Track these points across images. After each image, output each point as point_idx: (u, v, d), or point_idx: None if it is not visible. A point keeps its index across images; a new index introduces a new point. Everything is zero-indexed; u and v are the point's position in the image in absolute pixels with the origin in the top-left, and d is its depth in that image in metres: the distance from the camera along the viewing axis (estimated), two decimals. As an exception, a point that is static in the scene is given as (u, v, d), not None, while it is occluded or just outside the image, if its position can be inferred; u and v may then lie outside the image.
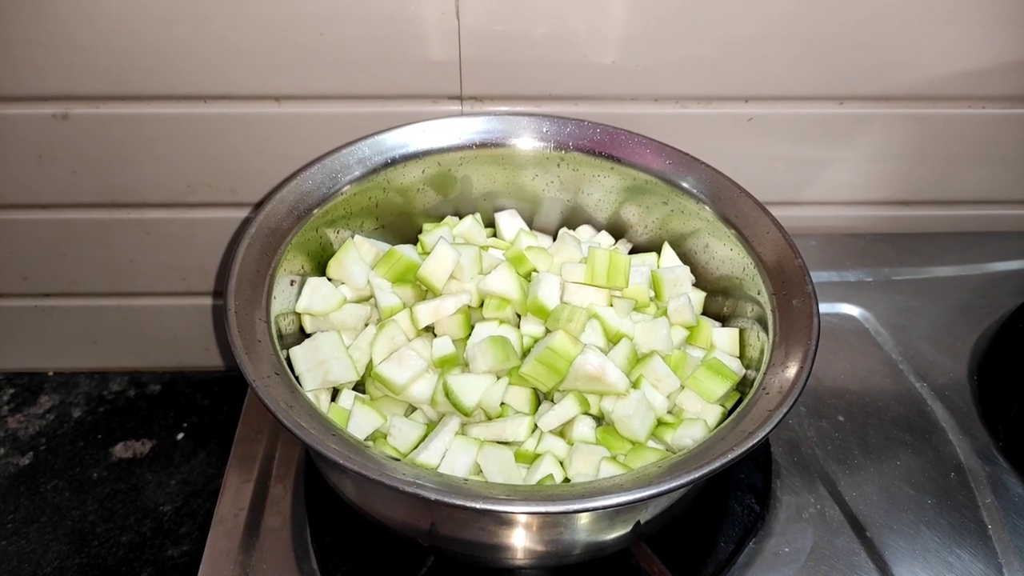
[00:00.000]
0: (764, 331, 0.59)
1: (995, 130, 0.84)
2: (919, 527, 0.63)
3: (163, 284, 0.93)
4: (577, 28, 0.74)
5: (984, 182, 0.89)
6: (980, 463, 0.68)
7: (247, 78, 0.76)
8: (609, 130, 0.70)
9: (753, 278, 0.62)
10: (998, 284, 0.84)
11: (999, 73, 0.79)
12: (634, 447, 0.58)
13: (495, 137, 0.70)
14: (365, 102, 0.78)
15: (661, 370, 0.60)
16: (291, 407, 0.50)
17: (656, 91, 0.79)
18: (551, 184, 0.73)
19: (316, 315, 0.63)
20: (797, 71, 0.78)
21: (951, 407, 0.72)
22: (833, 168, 0.87)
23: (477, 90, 0.78)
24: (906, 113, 0.82)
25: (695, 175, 0.67)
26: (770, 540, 0.62)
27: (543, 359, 0.58)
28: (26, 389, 1.01)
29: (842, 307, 0.81)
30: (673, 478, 0.45)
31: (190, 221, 0.87)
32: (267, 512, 0.63)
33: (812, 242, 0.88)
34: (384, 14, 0.72)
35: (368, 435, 0.58)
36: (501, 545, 0.55)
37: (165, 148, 0.81)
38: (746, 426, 0.49)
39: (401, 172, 0.69)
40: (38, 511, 0.88)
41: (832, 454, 0.69)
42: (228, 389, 1.02)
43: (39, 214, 0.86)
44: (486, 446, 0.57)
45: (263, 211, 0.61)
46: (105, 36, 0.72)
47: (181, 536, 0.87)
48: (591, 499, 0.44)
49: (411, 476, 0.46)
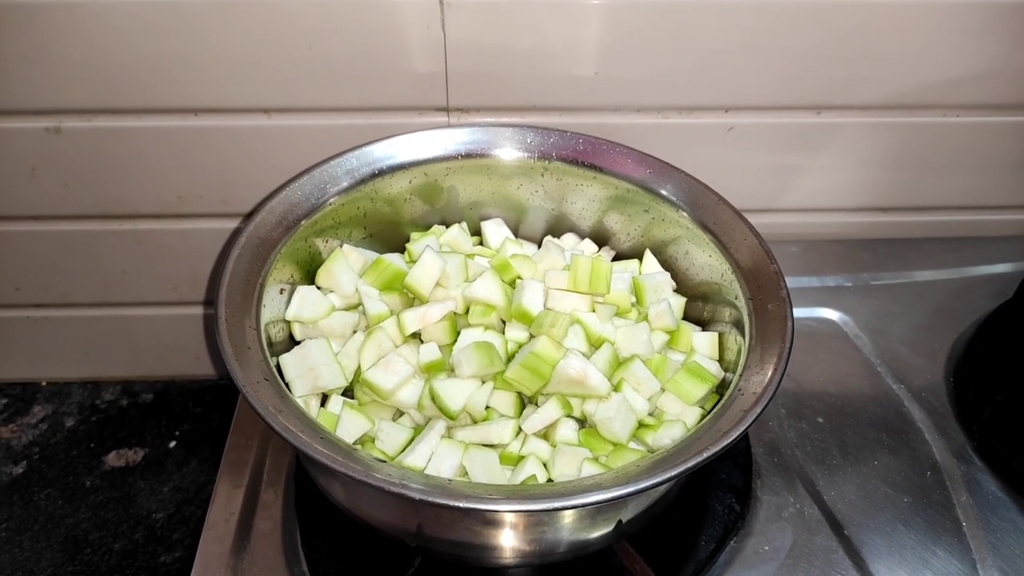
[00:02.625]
0: (741, 335, 0.60)
1: (969, 138, 0.86)
2: (896, 525, 0.65)
3: (155, 294, 0.94)
4: (560, 41, 0.75)
5: (959, 188, 0.91)
6: (956, 462, 0.69)
7: (237, 91, 0.77)
8: (591, 140, 0.71)
9: (731, 283, 0.64)
10: (975, 288, 0.86)
11: (972, 83, 0.81)
12: (615, 448, 0.59)
13: (480, 148, 0.72)
14: (353, 114, 0.79)
15: (642, 373, 0.62)
16: (280, 411, 0.51)
17: (638, 102, 0.80)
18: (536, 193, 0.74)
19: (305, 323, 0.65)
20: (776, 82, 0.80)
21: (928, 408, 0.74)
22: (812, 176, 0.88)
23: (463, 101, 0.79)
24: (882, 122, 0.84)
25: (674, 184, 0.68)
26: (750, 539, 0.64)
27: (527, 364, 0.60)
28: (19, 399, 1.01)
29: (822, 311, 0.83)
30: (649, 477, 0.47)
31: (182, 231, 0.89)
32: (258, 516, 0.64)
33: (793, 248, 0.90)
34: (372, 28, 0.73)
35: (356, 439, 0.60)
36: (486, 544, 0.56)
37: (157, 160, 0.82)
38: (721, 426, 0.50)
39: (388, 182, 0.70)
40: (31, 519, 0.89)
41: (811, 455, 0.70)
42: (220, 397, 1.03)
43: (32, 226, 0.87)
44: (471, 449, 0.58)
45: (253, 221, 0.63)
46: (97, 51, 0.73)
47: (174, 543, 0.88)
48: (570, 497, 0.46)
49: (396, 477, 0.47)
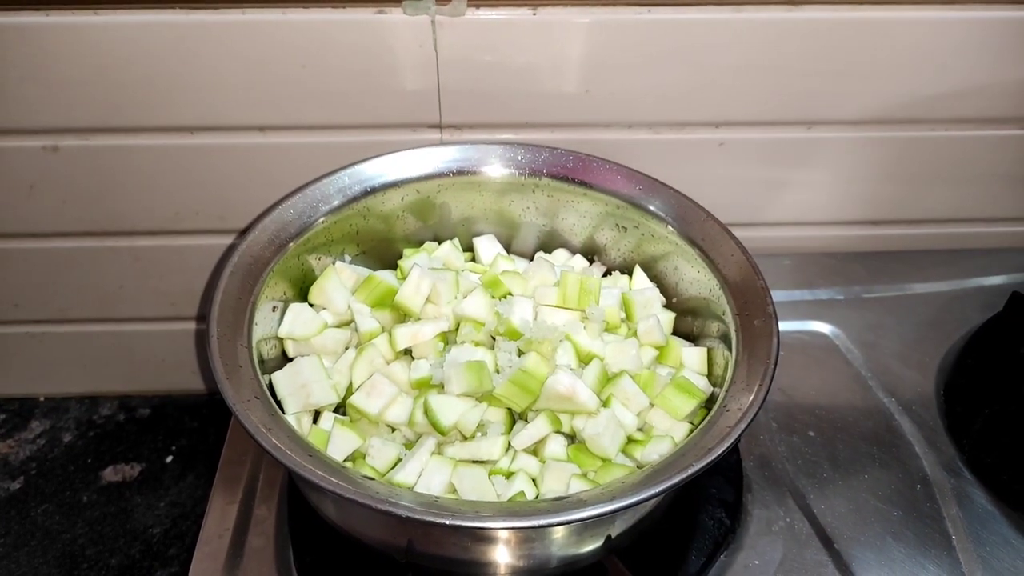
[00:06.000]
0: (728, 350, 0.61)
1: (959, 151, 0.87)
2: (886, 539, 0.65)
3: (152, 309, 0.95)
4: (551, 59, 0.76)
5: (950, 202, 0.91)
6: (946, 476, 0.70)
7: (233, 109, 0.78)
8: (581, 157, 0.72)
9: (719, 299, 0.64)
10: (965, 300, 0.86)
11: (962, 97, 0.82)
12: (604, 464, 0.59)
13: (472, 165, 0.72)
14: (347, 131, 0.80)
15: (630, 389, 0.62)
16: (270, 430, 0.51)
17: (629, 118, 0.81)
18: (528, 209, 0.75)
19: (298, 340, 0.65)
20: (766, 97, 0.81)
21: (918, 421, 0.74)
22: (804, 189, 0.89)
23: (456, 118, 0.80)
24: (873, 136, 0.85)
25: (663, 200, 0.69)
26: (740, 553, 0.64)
27: (516, 380, 0.60)
28: (17, 414, 1.02)
29: (813, 325, 0.83)
30: (634, 493, 0.47)
31: (179, 248, 0.89)
32: (251, 532, 0.65)
33: (785, 261, 0.90)
34: (365, 46, 0.74)
35: (347, 456, 0.60)
36: (475, 561, 0.57)
37: (154, 178, 0.83)
38: (706, 442, 0.51)
39: (381, 200, 0.71)
40: (28, 535, 0.90)
41: (802, 468, 0.70)
42: (216, 412, 1.03)
43: (30, 243, 0.88)
44: (460, 466, 0.58)
45: (245, 240, 0.63)
46: (95, 71, 0.74)
47: (170, 558, 0.88)
48: (557, 514, 0.46)
49: (384, 494, 0.48)
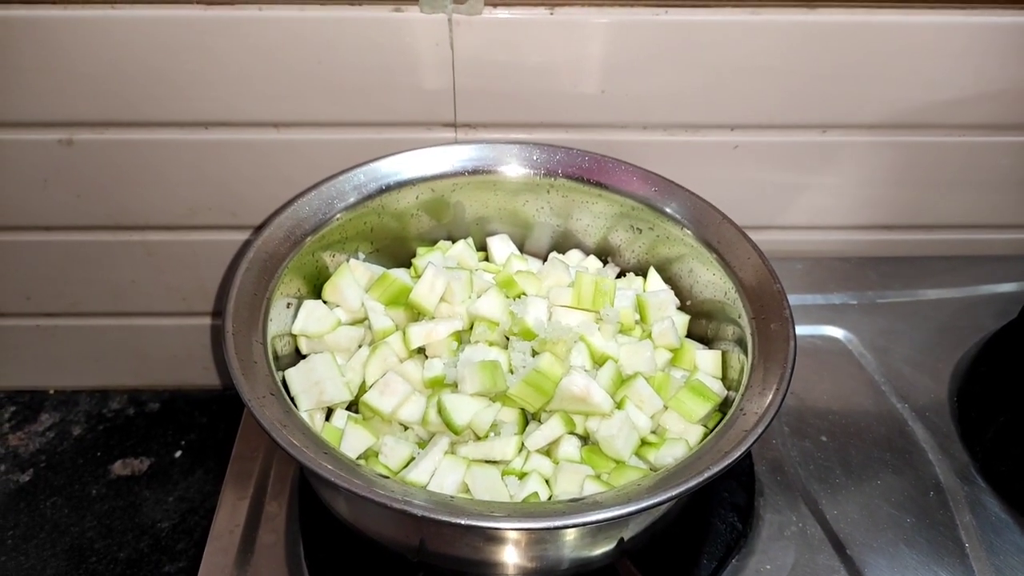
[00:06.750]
0: (744, 353, 0.61)
1: (974, 157, 0.86)
2: (898, 545, 0.65)
3: (164, 304, 0.95)
4: (567, 59, 0.76)
5: (964, 207, 0.91)
6: (959, 483, 0.69)
7: (247, 105, 0.78)
8: (596, 158, 0.72)
9: (734, 302, 0.64)
10: (979, 307, 0.86)
11: (977, 102, 0.81)
12: (618, 466, 0.59)
13: (487, 164, 0.72)
14: (362, 129, 0.80)
15: (645, 391, 0.62)
16: (285, 426, 0.51)
17: (644, 119, 0.81)
18: (542, 209, 0.75)
19: (311, 337, 0.65)
20: (781, 101, 0.80)
21: (931, 427, 0.74)
22: (817, 194, 0.89)
23: (471, 117, 0.80)
24: (887, 141, 0.84)
25: (679, 202, 0.69)
26: (752, 558, 0.64)
27: (530, 380, 0.60)
28: (27, 407, 1.02)
29: (826, 329, 0.83)
30: (650, 496, 0.47)
31: (191, 243, 0.89)
32: (262, 529, 0.65)
33: (798, 265, 0.90)
34: (381, 44, 0.74)
35: (360, 453, 0.60)
36: (487, 561, 0.56)
37: (167, 172, 0.83)
38: (723, 446, 0.51)
39: (395, 198, 0.71)
40: (37, 527, 0.90)
41: (814, 473, 0.70)
42: (226, 408, 1.03)
43: (43, 236, 0.88)
44: (473, 465, 0.58)
45: (261, 236, 0.63)
46: (109, 65, 0.74)
47: (178, 552, 0.89)
48: (571, 516, 0.46)
49: (399, 493, 0.47)
